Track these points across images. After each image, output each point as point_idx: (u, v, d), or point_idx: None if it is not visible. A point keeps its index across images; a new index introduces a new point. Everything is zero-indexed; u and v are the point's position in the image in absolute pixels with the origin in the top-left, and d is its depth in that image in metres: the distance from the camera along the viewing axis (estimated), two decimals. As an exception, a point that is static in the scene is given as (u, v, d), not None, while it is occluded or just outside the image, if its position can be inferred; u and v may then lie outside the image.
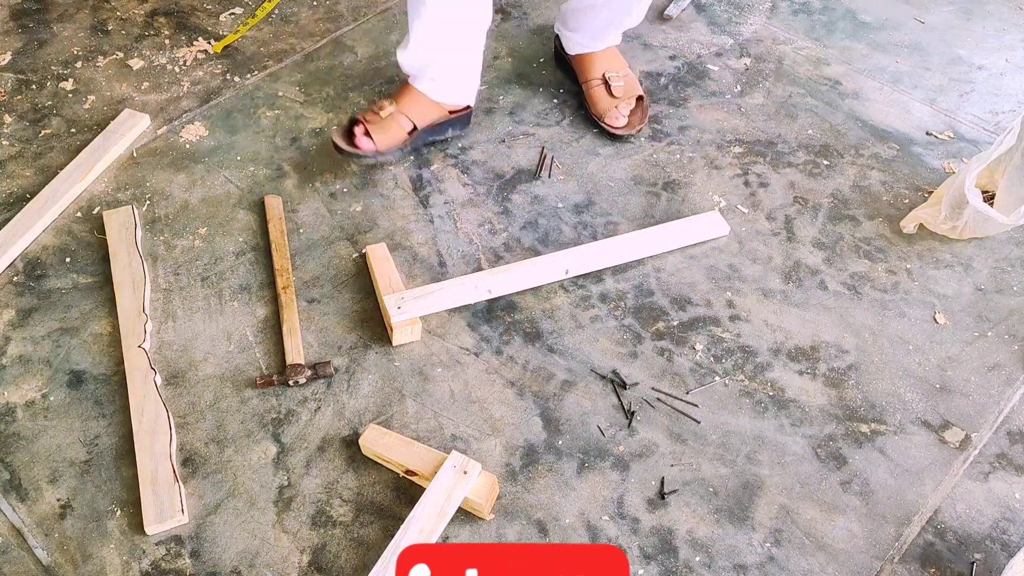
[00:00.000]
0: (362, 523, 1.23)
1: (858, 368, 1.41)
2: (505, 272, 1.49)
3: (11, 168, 1.72)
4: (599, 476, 1.28)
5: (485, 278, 1.48)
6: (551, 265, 1.50)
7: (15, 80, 1.92)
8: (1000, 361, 1.42)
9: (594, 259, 1.52)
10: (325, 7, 2.12)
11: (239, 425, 1.33)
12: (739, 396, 1.37)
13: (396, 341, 1.41)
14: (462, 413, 1.35)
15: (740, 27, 2.08)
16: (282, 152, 1.75)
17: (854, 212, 1.65)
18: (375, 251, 1.52)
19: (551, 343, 1.44)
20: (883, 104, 1.88)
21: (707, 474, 1.28)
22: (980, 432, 1.34)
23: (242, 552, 1.20)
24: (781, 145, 1.78)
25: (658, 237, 1.57)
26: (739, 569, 1.19)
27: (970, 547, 1.22)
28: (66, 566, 1.19)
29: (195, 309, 1.48)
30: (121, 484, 1.27)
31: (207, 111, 1.84)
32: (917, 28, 2.10)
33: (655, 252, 1.55)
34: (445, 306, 1.44)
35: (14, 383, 1.39)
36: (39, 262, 1.56)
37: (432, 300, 1.43)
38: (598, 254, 1.53)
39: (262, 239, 1.59)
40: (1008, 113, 1.87)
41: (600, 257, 1.53)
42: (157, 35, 2.04)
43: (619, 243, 1.55)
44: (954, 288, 1.53)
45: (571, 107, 1.85)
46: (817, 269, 1.55)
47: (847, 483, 1.28)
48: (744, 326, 1.47)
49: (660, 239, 1.56)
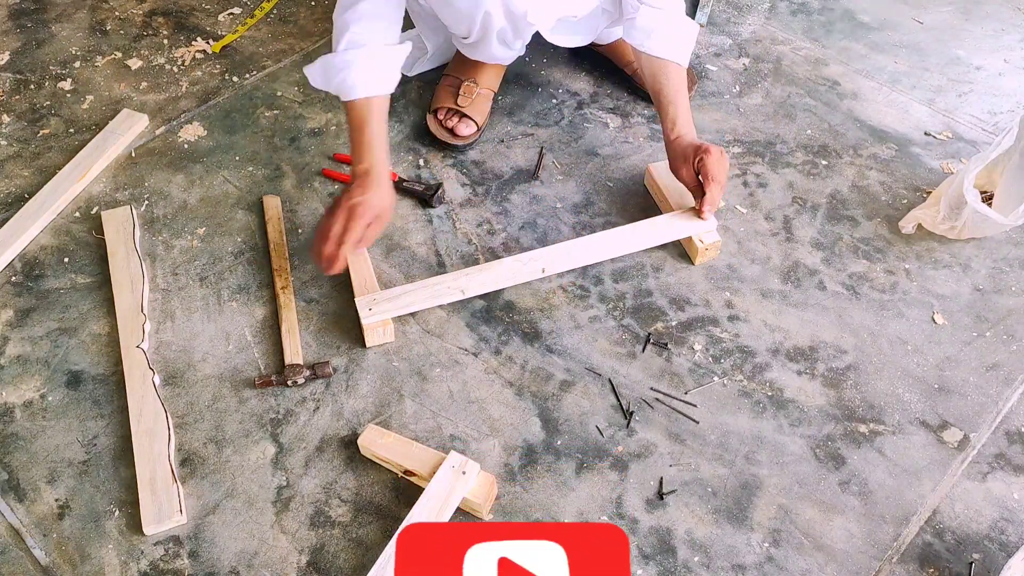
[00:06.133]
0: (361, 523, 1.23)
1: (857, 368, 1.41)
2: (479, 272, 1.48)
3: (9, 168, 1.72)
4: (598, 476, 1.28)
5: (458, 278, 1.46)
6: (525, 265, 1.48)
7: (13, 80, 1.92)
8: (999, 361, 1.42)
9: (570, 258, 1.50)
10: (324, 7, 2.12)
11: (238, 425, 1.33)
12: (738, 396, 1.37)
13: (369, 342, 1.41)
14: (461, 413, 1.35)
15: (739, 27, 2.08)
16: (281, 152, 1.75)
17: (853, 212, 1.65)
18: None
19: (550, 343, 1.44)
20: (882, 104, 1.88)
21: (706, 474, 1.28)
22: (978, 432, 1.34)
23: (240, 552, 1.20)
24: (780, 145, 1.78)
25: (641, 234, 1.53)
26: (738, 569, 1.19)
27: (968, 547, 1.22)
28: (64, 566, 1.19)
29: (193, 309, 1.48)
30: (119, 484, 1.27)
31: (206, 111, 1.84)
32: (915, 28, 2.10)
33: (637, 249, 1.54)
34: (417, 307, 1.44)
35: (12, 383, 1.39)
36: (37, 262, 1.56)
37: (404, 301, 1.43)
38: (573, 252, 1.51)
39: (260, 239, 1.59)
40: (1007, 113, 1.87)
41: (575, 256, 1.50)
42: (155, 35, 2.04)
43: (595, 241, 1.52)
44: (953, 288, 1.53)
45: (570, 107, 1.85)
46: (816, 269, 1.55)
47: (846, 483, 1.28)
48: (743, 326, 1.47)
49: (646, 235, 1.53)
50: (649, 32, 1.55)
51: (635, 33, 1.57)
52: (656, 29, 1.55)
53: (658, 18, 1.55)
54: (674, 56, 1.57)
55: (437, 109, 1.74)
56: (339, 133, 1.79)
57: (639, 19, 1.56)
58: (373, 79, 1.42)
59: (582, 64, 1.94)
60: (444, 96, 1.75)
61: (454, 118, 1.71)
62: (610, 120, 1.83)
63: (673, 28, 1.57)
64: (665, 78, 1.56)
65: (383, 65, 1.44)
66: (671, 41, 1.56)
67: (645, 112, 1.84)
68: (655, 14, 1.55)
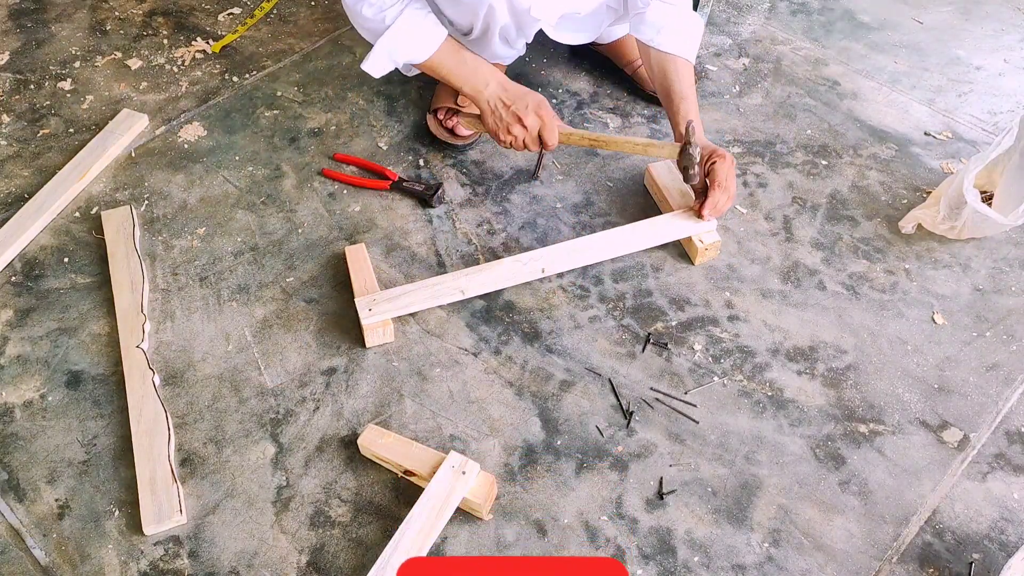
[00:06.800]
0: (360, 523, 1.23)
1: (856, 368, 1.41)
2: (479, 272, 1.48)
3: (9, 168, 1.72)
4: (598, 476, 1.28)
5: (458, 278, 1.46)
6: (525, 265, 1.48)
7: (13, 80, 1.92)
8: (998, 361, 1.42)
9: (570, 258, 1.50)
10: (323, 7, 2.12)
11: (237, 425, 1.33)
12: (738, 396, 1.37)
13: (369, 343, 1.42)
14: (461, 413, 1.35)
15: (738, 27, 2.08)
16: (281, 152, 1.75)
17: (852, 212, 1.65)
18: (353, 252, 1.52)
19: (550, 343, 1.44)
20: (881, 104, 1.88)
21: (706, 474, 1.28)
22: (978, 432, 1.34)
23: (240, 552, 1.20)
24: (780, 145, 1.78)
25: (641, 234, 1.53)
26: (737, 569, 1.19)
27: (968, 547, 1.22)
28: (64, 567, 1.19)
29: (193, 309, 1.48)
30: (119, 484, 1.27)
31: (205, 111, 1.84)
32: (915, 28, 2.10)
33: (637, 249, 1.54)
34: (417, 307, 1.44)
35: (12, 383, 1.39)
36: (37, 262, 1.56)
37: (404, 301, 1.43)
38: (573, 252, 1.50)
39: (260, 239, 1.59)
40: (1006, 113, 1.87)
41: (575, 256, 1.50)
42: (155, 35, 2.04)
43: (595, 241, 1.52)
44: (952, 288, 1.53)
45: (570, 107, 1.85)
46: (816, 269, 1.55)
47: (845, 483, 1.28)
48: (743, 326, 1.47)
49: (646, 235, 1.53)
50: (659, 28, 1.56)
51: (644, 28, 1.57)
52: (666, 25, 1.55)
53: (669, 13, 1.56)
54: (684, 52, 1.57)
55: (437, 109, 1.74)
56: (339, 133, 1.79)
57: (649, 14, 1.56)
58: (436, 23, 1.47)
59: (582, 64, 1.95)
60: (444, 96, 1.75)
61: (454, 118, 1.71)
62: (610, 120, 1.83)
63: (682, 23, 1.57)
64: (675, 74, 1.56)
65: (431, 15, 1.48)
66: (681, 36, 1.57)
67: (645, 112, 1.84)
68: (666, 9, 1.55)
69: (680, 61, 1.57)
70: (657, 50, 1.57)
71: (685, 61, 1.58)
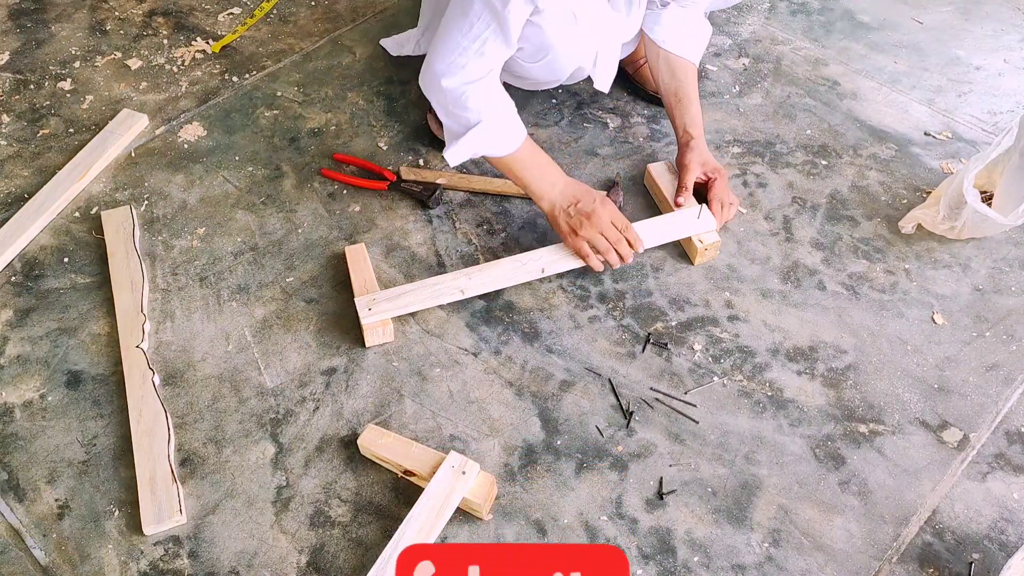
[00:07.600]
0: (360, 523, 1.23)
1: (856, 368, 1.41)
2: (479, 272, 1.47)
3: (9, 168, 1.72)
4: (597, 476, 1.28)
5: (458, 278, 1.46)
6: (525, 265, 1.48)
7: (13, 80, 1.92)
8: (998, 361, 1.42)
9: (570, 258, 1.49)
10: (323, 7, 2.12)
11: (237, 425, 1.33)
12: (737, 396, 1.37)
13: (369, 342, 1.42)
14: (460, 413, 1.35)
15: (738, 27, 2.08)
16: (281, 152, 1.75)
17: (852, 212, 1.65)
18: (353, 252, 1.52)
19: (550, 343, 1.44)
20: (881, 104, 1.88)
21: (705, 474, 1.28)
22: (978, 432, 1.34)
23: (240, 552, 1.20)
24: (779, 145, 1.78)
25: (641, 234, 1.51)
26: (737, 569, 1.19)
27: (968, 547, 1.22)
28: (64, 567, 1.19)
29: (193, 309, 1.48)
30: (119, 484, 1.27)
31: (205, 111, 1.84)
32: (915, 28, 2.10)
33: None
34: (417, 307, 1.44)
35: (12, 383, 1.39)
36: (37, 262, 1.56)
37: (404, 301, 1.43)
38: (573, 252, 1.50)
39: (260, 239, 1.59)
40: (1006, 113, 1.87)
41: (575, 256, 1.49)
42: (155, 35, 2.04)
43: None
44: (952, 288, 1.53)
45: (570, 107, 1.85)
46: (815, 269, 1.55)
47: (845, 483, 1.28)
48: (742, 326, 1.47)
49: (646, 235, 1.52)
50: (673, 29, 1.58)
51: (658, 29, 1.59)
52: (680, 27, 1.58)
53: (684, 17, 1.58)
54: (692, 56, 1.61)
55: None
56: (339, 133, 1.79)
57: (665, 15, 1.58)
58: (519, 120, 1.45)
59: (582, 64, 1.94)
60: None
61: None
62: (610, 120, 1.83)
63: (694, 28, 1.60)
64: (685, 76, 1.60)
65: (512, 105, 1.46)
66: (692, 40, 1.60)
67: (645, 112, 1.84)
68: (682, 13, 1.58)
69: (688, 64, 1.61)
70: (667, 51, 1.60)
71: (692, 65, 1.61)
